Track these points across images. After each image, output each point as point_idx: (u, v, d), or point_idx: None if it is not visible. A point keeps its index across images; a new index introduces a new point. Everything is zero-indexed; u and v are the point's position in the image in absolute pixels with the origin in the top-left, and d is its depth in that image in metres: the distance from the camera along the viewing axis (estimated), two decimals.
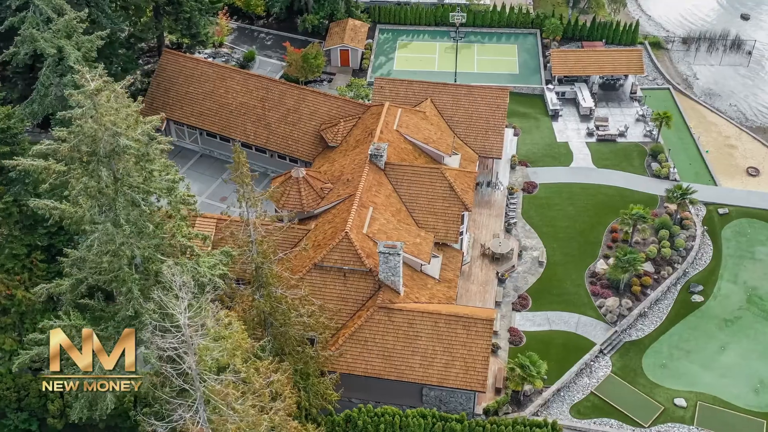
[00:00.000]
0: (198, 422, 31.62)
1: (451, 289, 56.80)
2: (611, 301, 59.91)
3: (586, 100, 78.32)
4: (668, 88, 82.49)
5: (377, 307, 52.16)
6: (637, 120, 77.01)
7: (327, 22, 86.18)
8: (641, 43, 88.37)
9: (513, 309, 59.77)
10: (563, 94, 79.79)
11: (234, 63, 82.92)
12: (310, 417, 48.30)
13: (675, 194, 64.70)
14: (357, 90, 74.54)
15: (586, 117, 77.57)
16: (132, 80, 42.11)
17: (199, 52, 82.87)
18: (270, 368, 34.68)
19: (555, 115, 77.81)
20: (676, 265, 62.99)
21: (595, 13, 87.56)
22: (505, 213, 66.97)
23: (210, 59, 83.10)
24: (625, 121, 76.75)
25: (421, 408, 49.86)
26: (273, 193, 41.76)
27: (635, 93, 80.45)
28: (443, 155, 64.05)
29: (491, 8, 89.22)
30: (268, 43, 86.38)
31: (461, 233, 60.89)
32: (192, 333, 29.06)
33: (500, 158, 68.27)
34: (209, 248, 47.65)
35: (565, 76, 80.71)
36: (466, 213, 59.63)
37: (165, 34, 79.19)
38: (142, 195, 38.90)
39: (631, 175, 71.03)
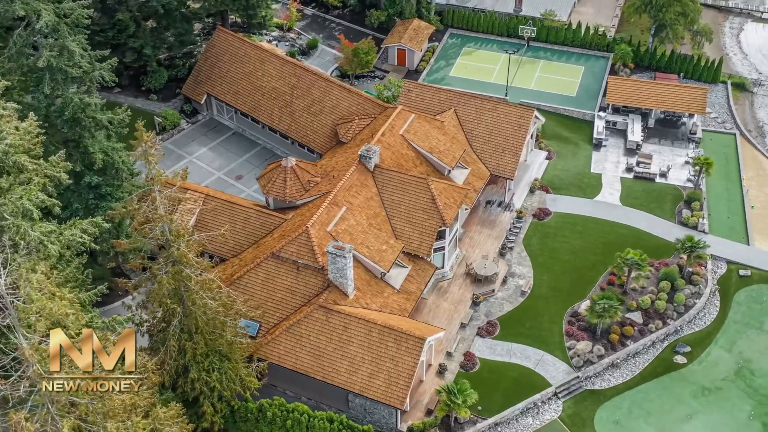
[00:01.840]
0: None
1: (409, 302, 56.02)
2: (582, 345, 56.98)
3: (634, 133, 74.30)
4: (735, 134, 76.69)
5: (317, 305, 52.34)
6: (686, 162, 72.23)
7: (397, 19, 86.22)
8: (723, 82, 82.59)
9: (477, 333, 58.09)
10: (614, 123, 76.02)
11: (296, 49, 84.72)
12: (224, 399, 49.33)
13: (684, 246, 60.43)
14: (394, 90, 74.31)
15: (631, 151, 73.63)
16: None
17: (265, 35, 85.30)
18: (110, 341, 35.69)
19: (598, 145, 74.33)
20: (668, 321, 58.99)
21: (673, 44, 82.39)
22: (506, 236, 64.95)
23: (275, 42, 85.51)
24: (673, 162, 72.22)
25: (330, 412, 49.70)
26: (179, 174, 42.70)
27: (695, 134, 75.42)
28: (447, 167, 62.97)
29: (566, 26, 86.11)
30: (336, 33, 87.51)
31: (442, 248, 59.85)
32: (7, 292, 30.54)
33: (512, 179, 66.21)
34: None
35: (623, 106, 76.79)
36: (447, 228, 58.49)
37: (228, 13, 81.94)
38: None
39: (656, 219, 66.87)
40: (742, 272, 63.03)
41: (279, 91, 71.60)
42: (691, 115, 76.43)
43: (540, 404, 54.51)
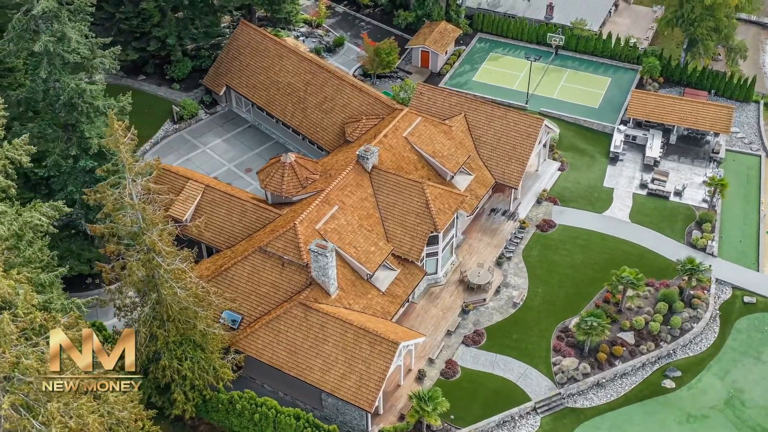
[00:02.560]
0: None
1: (393, 305, 55.82)
2: (568, 362, 55.94)
3: (653, 148, 72.52)
4: (761, 156, 74.21)
5: (297, 302, 52.56)
6: (703, 182, 70.18)
7: (425, 20, 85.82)
8: (756, 102, 79.97)
9: (463, 342, 57.51)
10: (633, 138, 74.32)
11: (322, 46, 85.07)
12: (196, 388, 49.91)
13: (684, 267, 58.77)
14: (410, 92, 74.03)
15: (648, 167, 71.88)
16: None
17: (293, 30, 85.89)
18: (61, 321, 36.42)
19: (615, 159, 72.79)
20: (661, 343, 57.46)
21: (704, 60, 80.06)
22: (505, 245, 64.13)
23: (302, 38, 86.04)
24: (690, 180, 70.28)
25: (298, 409, 49.80)
26: (150, 164, 43.27)
27: (717, 153, 73.23)
28: (449, 173, 62.52)
29: (596, 35, 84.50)
30: (365, 32, 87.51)
31: (435, 253, 59.46)
32: None
33: (516, 188, 65.35)
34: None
35: (646, 121, 75.01)
36: (440, 234, 58.07)
37: (255, 8, 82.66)
38: None
39: (664, 239, 65.17)
40: (747, 299, 61.01)
41: (294, 86, 72.05)
42: (716, 134, 74.22)
43: (517, 418, 53.70)
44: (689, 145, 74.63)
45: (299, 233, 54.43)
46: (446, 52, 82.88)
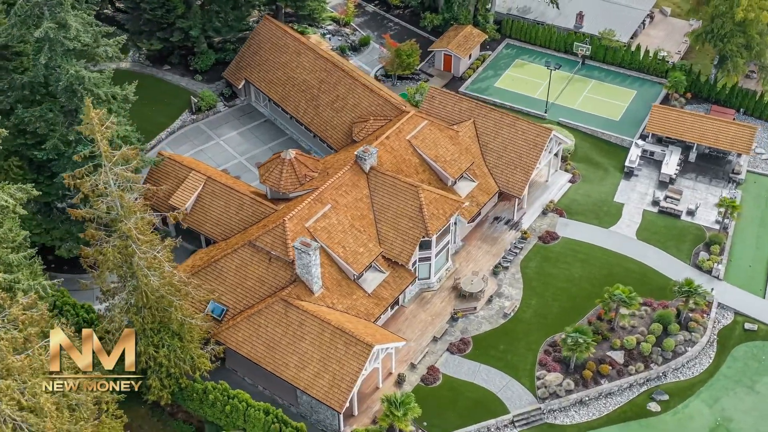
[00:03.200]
0: None
1: (378, 307, 55.72)
2: (552, 377, 55.06)
3: (669, 165, 70.78)
4: None
5: (279, 298, 52.87)
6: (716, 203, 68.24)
7: (452, 23, 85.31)
8: None
9: (448, 349, 57.07)
10: (651, 153, 72.67)
11: (348, 44, 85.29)
12: (173, 376, 50.61)
13: (681, 289, 57.26)
14: (425, 95, 73.56)
15: (663, 184, 70.20)
16: None
17: (320, 27, 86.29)
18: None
19: (629, 173, 71.25)
20: (652, 365, 56.14)
21: (734, 77, 77.72)
22: (503, 255, 63.39)
23: (328, 36, 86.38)
24: (705, 200, 68.42)
25: (267, 404, 50.04)
26: (124, 154, 43.84)
27: (738, 174, 71.10)
28: (450, 178, 62.14)
29: (625, 47, 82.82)
30: (391, 32, 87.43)
31: (428, 258, 59.13)
32: None
33: (519, 197, 64.54)
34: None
35: (666, 137, 73.25)
36: (432, 239, 57.73)
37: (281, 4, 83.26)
38: None
39: (669, 258, 63.62)
40: (748, 326, 59.19)
41: (308, 83, 72.41)
42: (739, 154, 72.09)
43: (494, 430, 53.09)
44: (709, 164, 72.61)
45: (288, 230, 54.72)
46: (469, 57, 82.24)
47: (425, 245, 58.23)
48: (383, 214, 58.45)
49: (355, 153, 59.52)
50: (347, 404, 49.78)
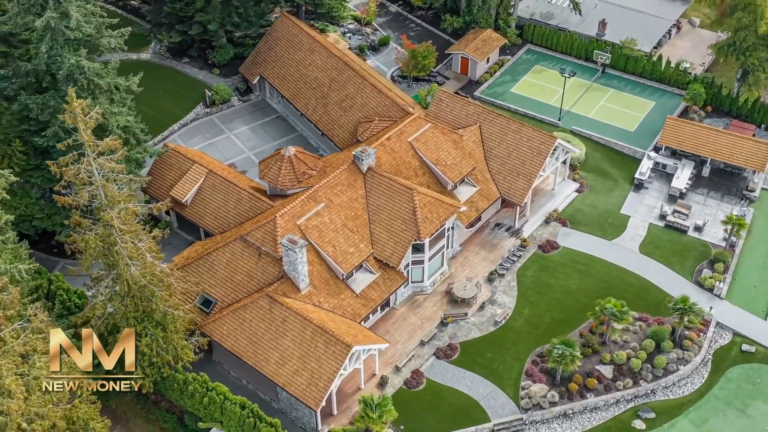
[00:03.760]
0: None
1: (365, 308, 55.70)
2: (537, 388, 54.45)
3: (680, 179, 69.39)
4: None
5: (264, 294, 53.19)
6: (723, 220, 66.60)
7: (473, 26, 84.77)
8: None
9: (434, 354, 56.80)
10: (663, 166, 71.31)
11: (367, 44, 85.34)
12: (155, 365, 51.24)
13: (675, 306, 56.12)
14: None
15: (672, 198, 68.86)
16: None
17: (340, 25, 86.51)
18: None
19: (639, 186, 70.02)
20: (641, 382, 55.15)
21: (757, 91, 75.73)
22: (500, 262, 62.83)
23: (349, 35, 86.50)
24: (714, 217, 66.92)
25: (243, 398, 50.35)
26: (108, 144, 44.44)
27: (752, 191, 69.37)
28: (450, 182, 61.84)
29: (646, 56, 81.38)
30: (412, 33, 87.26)
31: (421, 262, 58.93)
32: None
33: (520, 205, 63.90)
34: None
35: (680, 150, 71.80)
36: (425, 242, 57.52)
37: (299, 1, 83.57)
38: None
39: (671, 274, 62.40)
40: (745, 347, 57.80)
41: (319, 81, 72.67)
42: (754, 171, 70.36)
43: None
44: (723, 179, 70.98)
45: (278, 226, 55.03)
46: (487, 61, 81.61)
47: (418, 248, 58.03)
48: (377, 216, 58.39)
49: (353, 153, 59.55)
50: (323, 403, 49.88)
